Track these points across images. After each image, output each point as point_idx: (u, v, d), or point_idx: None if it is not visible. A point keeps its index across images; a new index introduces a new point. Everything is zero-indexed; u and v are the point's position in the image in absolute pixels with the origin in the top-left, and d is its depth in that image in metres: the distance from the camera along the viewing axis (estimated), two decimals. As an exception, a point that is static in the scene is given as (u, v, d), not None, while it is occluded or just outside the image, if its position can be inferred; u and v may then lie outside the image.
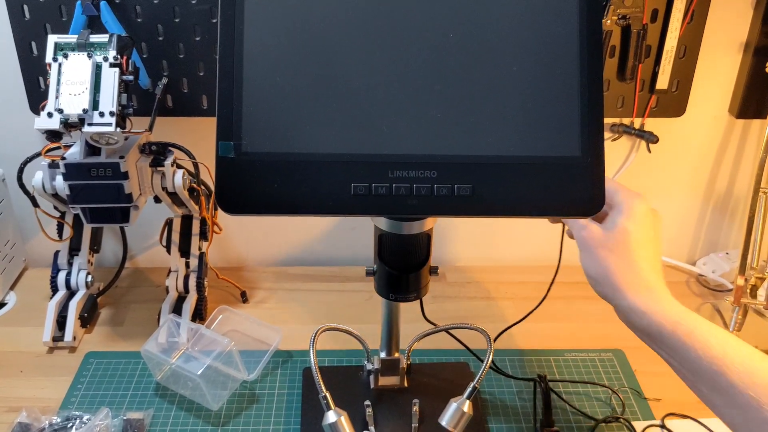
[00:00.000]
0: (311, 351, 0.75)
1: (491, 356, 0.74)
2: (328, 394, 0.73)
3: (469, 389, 0.73)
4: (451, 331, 0.86)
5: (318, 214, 0.60)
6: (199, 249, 1.00)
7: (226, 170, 0.60)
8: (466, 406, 0.73)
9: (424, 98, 0.60)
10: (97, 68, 0.79)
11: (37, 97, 0.96)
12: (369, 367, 0.84)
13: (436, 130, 0.60)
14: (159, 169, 0.89)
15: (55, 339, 0.94)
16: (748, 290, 0.94)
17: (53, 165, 0.86)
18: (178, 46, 0.94)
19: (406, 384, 0.85)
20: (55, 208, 0.94)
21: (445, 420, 0.73)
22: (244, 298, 1.05)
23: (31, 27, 0.92)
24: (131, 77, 0.80)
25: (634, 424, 0.83)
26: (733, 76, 1.02)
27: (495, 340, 0.79)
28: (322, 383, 0.73)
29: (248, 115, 0.59)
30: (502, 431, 0.82)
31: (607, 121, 1.03)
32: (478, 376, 0.73)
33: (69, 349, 0.94)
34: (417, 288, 0.72)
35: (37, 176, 0.87)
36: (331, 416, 0.72)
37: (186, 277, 0.99)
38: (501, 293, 1.08)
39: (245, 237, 1.14)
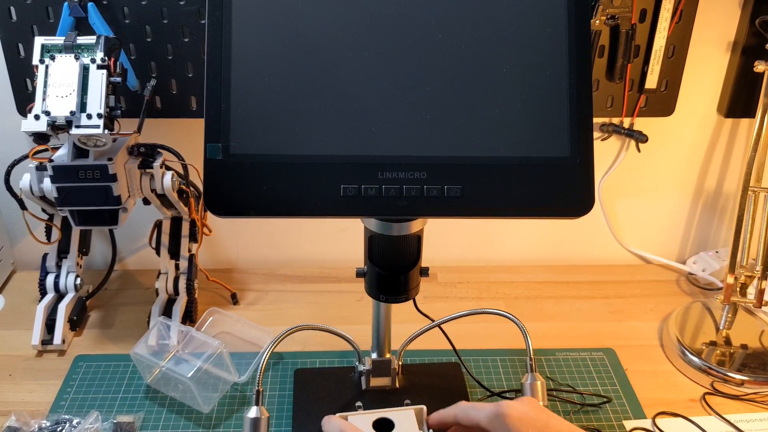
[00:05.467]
0: (271, 346, 0.74)
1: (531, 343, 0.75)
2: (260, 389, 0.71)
3: (529, 365, 0.74)
4: (448, 324, 0.85)
5: (307, 215, 0.60)
6: (189, 251, 0.99)
7: (214, 172, 0.59)
8: (536, 378, 0.73)
9: (414, 99, 0.60)
10: (85, 70, 0.78)
11: (24, 99, 0.95)
12: (360, 368, 0.84)
13: (426, 131, 0.60)
14: (148, 170, 0.88)
15: (44, 342, 0.93)
16: (738, 288, 0.94)
17: (41, 167, 0.85)
18: (166, 47, 0.93)
19: (397, 385, 0.85)
20: (43, 210, 0.94)
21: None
22: (234, 299, 1.05)
23: (17, 29, 0.91)
24: (119, 79, 0.79)
25: (625, 423, 0.83)
26: (722, 75, 1.02)
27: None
28: (260, 377, 0.72)
29: (236, 116, 0.59)
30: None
31: (597, 120, 1.03)
32: (529, 353, 0.74)
33: (58, 352, 0.94)
34: (408, 289, 0.72)
35: (24, 179, 0.87)
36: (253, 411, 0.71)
37: (176, 279, 0.98)
38: (492, 293, 1.08)
39: (235, 238, 1.14)
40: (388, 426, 0.74)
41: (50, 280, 0.97)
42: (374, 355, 0.84)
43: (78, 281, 0.97)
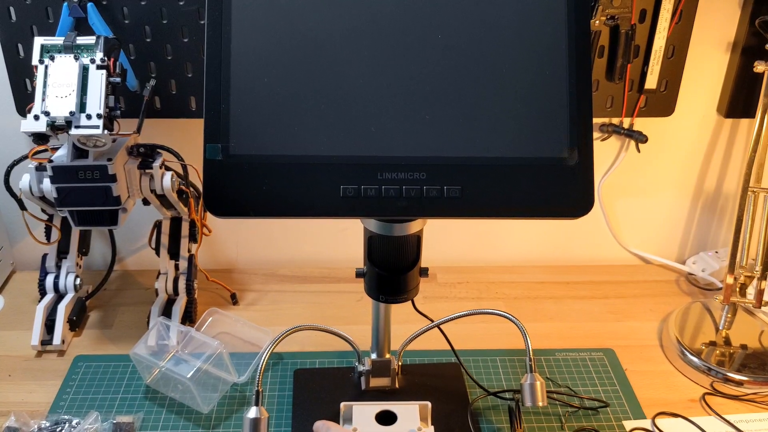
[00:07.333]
0: (271, 346, 0.74)
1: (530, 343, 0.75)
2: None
3: (528, 366, 0.74)
4: (448, 324, 0.85)
5: (307, 216, 0.60)
6: (189, 251, 0.99)
7: (213, 173, 0.59)
8: (536, 378, 0.73)
9: (413, 100, 0.60)
10: (84, 70, 0.78)
11: (23, 100, 0.95)
12: (360, 368, 0.84)
13: (425, 131, 0.60)
14: (147, 171, 0.88)
15: (43, 342, 0.93)
16: (738, 289, 0.94)
17: (40, 168, 0.85)
18: (165, 48, 0.93)
19: (397, 385, 0.85)
20: (43, 210, 0.94)
21: (528, 401, 0.73)
22: (234, 300, 1.05)
23: (17, 29, 0.91)
24: (118, 79, 0.79)
25: (625, 423, 0.83)
26: (722, 75, 1.02)
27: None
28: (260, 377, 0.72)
29: (236, 117, 0.59)
30: (492, 430, 0.83)
31: (597, 121, 1.03)
32: (528, 353, 0.74)
33: (58, 352, 0.94)
34: (407, 289, 0.72)
35: (24, 179, 0.87)
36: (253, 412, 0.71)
37: (175, 280, 0.98)
38: (492, 293, 1.08)
39: (235, 239, 1.14)
40: (391, 419, 0.74)
41: (50, 280, 0.97)
42: (374, 356, 0.84)
43: (78, 281, 0.97)
